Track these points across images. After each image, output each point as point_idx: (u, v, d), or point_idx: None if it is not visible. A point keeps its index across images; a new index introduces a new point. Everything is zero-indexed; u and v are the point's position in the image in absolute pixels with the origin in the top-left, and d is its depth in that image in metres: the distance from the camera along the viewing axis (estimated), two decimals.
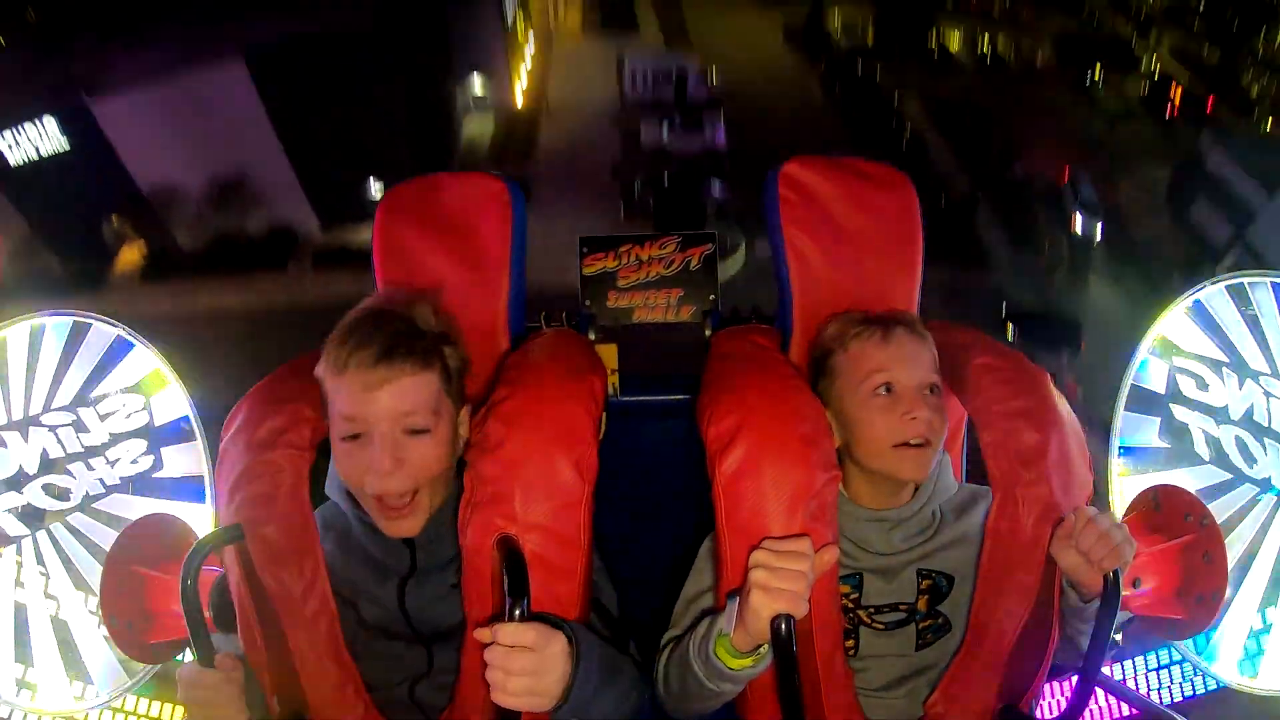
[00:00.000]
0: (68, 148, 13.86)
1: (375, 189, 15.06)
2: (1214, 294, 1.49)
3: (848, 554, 1.19)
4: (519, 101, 18.86)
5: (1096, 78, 22.60)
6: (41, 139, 13.76)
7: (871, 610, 1.20)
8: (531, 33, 21.11)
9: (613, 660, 1.09)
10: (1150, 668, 1.52)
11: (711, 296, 1.73)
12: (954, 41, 23.78)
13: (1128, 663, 1.51)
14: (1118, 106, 21.97)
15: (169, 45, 13.90)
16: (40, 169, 13.67)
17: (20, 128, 13.63)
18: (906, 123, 19.46)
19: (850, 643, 1.20)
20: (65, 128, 13.76)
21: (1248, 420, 1.44)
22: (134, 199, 13.99)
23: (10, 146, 13.61)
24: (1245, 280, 1.47)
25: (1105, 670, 1.47)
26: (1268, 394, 1.42)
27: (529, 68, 20.24)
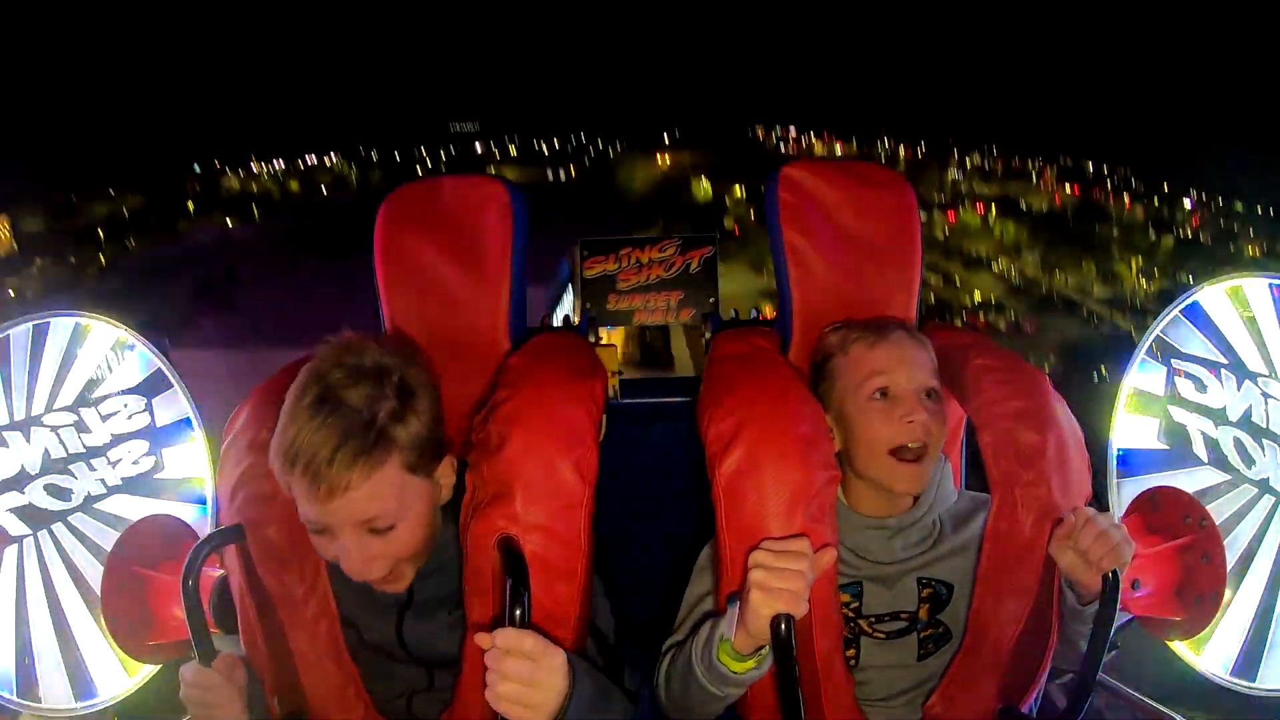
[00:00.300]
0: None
1: None
2: (1212, 295, 1.49)
3: (848, 562, 1.20)
4: None
5: (1104, 375, 24.11)
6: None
7: (872, 620, 1.20)
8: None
9: (606, 691, 1.08)
10: None
11: (711, 299, 1.74)
12: None
13: None
14: None
15: (260, 331, 14.82)
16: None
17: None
18: None
19: (851, 652, 1.20)
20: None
21: (1246, 422, 1.44)
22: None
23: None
24: (1244, 281, 1.47)
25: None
26: (1266, 395, 1.42)
27: None
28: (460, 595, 1.11)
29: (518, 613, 0.94)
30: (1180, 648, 1.43)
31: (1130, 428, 1.56)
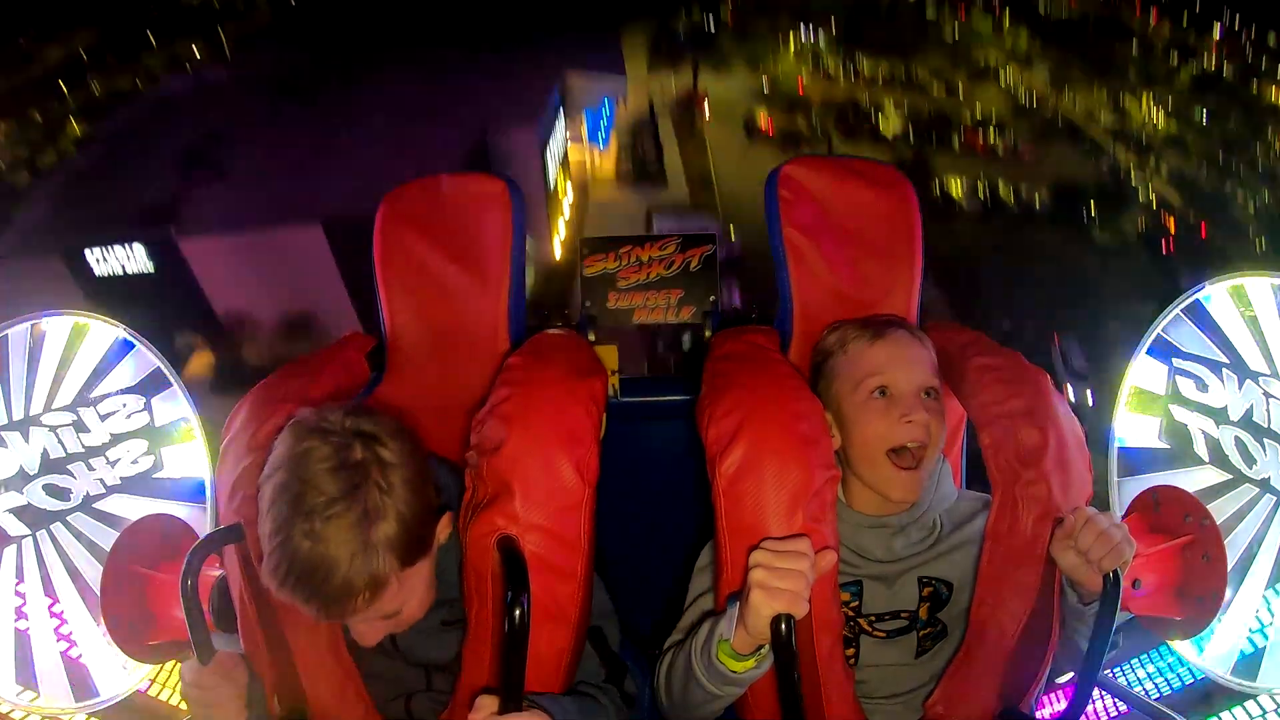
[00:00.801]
0: (151, 270, 15.01)
1: None
2: (1214, 294, 1.49)
3: (848, 562, 1.19)
4: (557, 254, 19.43)
5: (1093, 214, 23.33)
6: (129, 260, 14.98)
7: (872, 618, 1.20)
8: (569, 183, 21.88)
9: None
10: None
11: (712, 297, 1.73)
12: (956, 188, 24.59)
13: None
14: (1113, 241, 22.70)
15: (257, 203, 15.01)
16: (124, 281, 14.86)
17: (109, 247, 14.82)
18: None
19: (850, 651, 1.20)
20: (152, 254, 14.94)
21: (1247, 421, 1.44)
22: (208, 320, 14.87)
23: (99, 260, 14.86)
24: (1245, 281, 1.47)
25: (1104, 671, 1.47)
26: (1267, 395, 1.42)
27: (566, 218, 20.84)
28: (454, 601, 1.11)
29: (516, 613, 0.94)
30: (1181, 647, 1.43)
31: (1131, 427, 1.55)
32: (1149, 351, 1.54)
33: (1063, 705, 1.19)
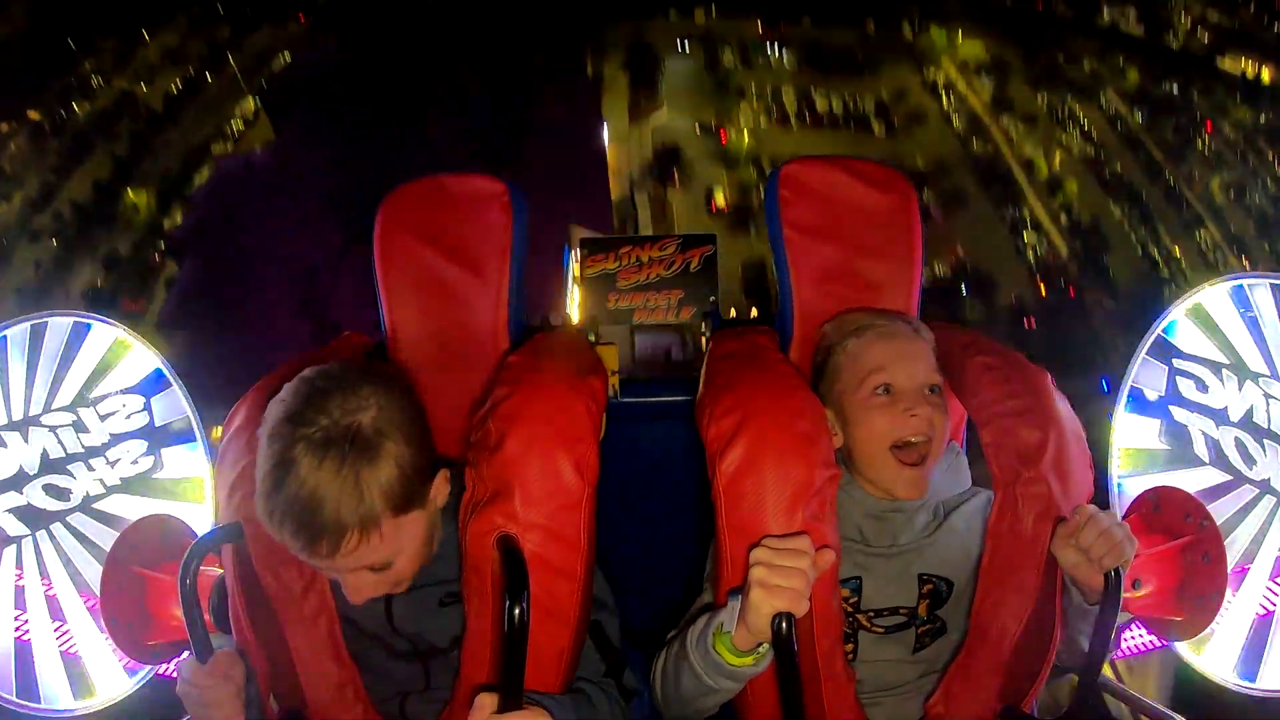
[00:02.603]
0: None
1: None
2: (1214, 295, 1.49)
3: (848, 549, 1.19)
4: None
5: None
6: None
7: (871, 614, 1.20)
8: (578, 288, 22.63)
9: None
10: None
11: (712, 298, 1.73)
12: None
13: None
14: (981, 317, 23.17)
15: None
16: None
17: None
18: None
19: (849, 647, 1.20)
20: None
21: (1247, 422, 1.44)
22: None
23: None
24: (1245, 282, 1.47)
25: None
26: (1267, 396, 1.42)
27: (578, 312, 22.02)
28: (454, 583, 1.10)
29: (516, 612, 0.94)
30: (1181, 648, 1.43)
31: (1131, 427, 1.55)
32: (1149, 352, 1.54)
33: (1065, 705, 1.19)
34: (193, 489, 1.57)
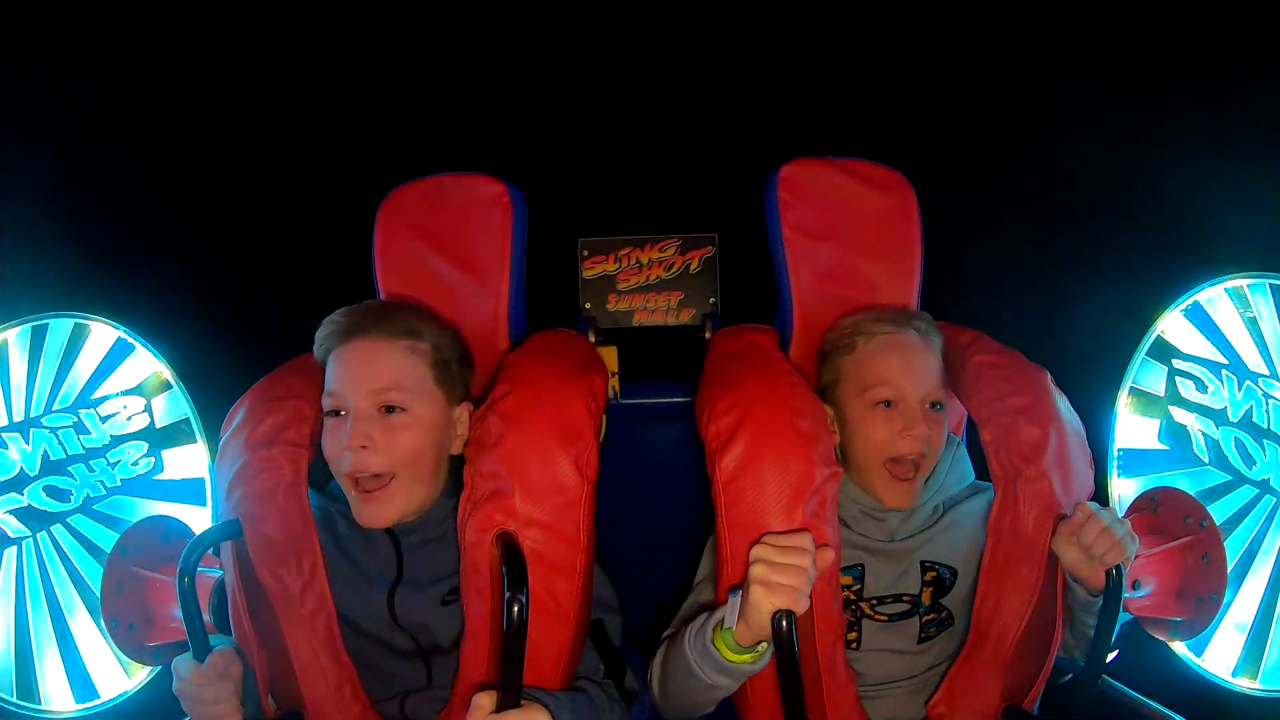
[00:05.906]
0: None
1: None
2: (1213, 296, 1.49)
3: (849, 542, 1.19)
4: None
5: None
6: None
7: (874, 601, 1.20)
8: None
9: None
10: None
11: (712, 299, 1.73)
12: None
13: None
14: None
15: None
16: None
17: None
18: None
19: (853, 635, 1.20)
20: None
21: (1247, 422, 1.44)
22: None
23: None
24: (1245, 282, 1.47)
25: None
26: (1267, 396, 1.43)
27: None
28: (454, 578, 1.10)
29: (515, 609, 0.94)
30: (1181, 648, 1.43)
31: (1131, 428, 1.56)
32: (1148, 353, 1.55)
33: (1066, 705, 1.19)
34: (193, 490, 1.57)
